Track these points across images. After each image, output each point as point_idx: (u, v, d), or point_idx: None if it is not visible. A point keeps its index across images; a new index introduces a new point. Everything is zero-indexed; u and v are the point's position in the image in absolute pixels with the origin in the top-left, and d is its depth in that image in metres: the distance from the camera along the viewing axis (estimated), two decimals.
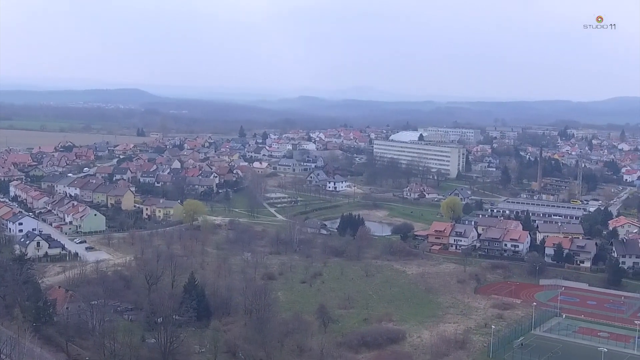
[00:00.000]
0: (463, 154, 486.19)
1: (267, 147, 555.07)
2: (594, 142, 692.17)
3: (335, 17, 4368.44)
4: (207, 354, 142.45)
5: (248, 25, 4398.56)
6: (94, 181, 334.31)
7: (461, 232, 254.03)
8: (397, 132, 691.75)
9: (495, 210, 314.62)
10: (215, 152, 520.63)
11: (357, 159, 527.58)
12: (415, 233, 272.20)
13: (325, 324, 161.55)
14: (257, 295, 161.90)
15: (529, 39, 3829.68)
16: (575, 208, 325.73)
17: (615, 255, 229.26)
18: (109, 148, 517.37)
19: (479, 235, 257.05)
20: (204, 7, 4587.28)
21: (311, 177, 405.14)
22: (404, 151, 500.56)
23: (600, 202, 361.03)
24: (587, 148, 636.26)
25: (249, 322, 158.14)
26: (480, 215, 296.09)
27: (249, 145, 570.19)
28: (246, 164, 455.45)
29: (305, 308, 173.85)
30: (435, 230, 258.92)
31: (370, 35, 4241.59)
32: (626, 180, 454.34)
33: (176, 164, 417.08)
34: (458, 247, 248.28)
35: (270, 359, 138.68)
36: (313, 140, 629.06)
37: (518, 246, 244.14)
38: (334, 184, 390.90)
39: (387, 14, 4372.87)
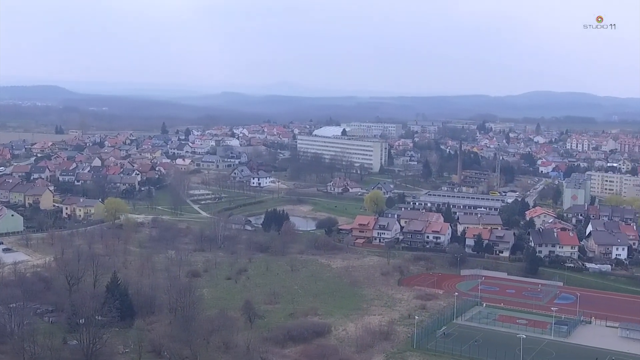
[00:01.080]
0: (385, 149, 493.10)
1: (190, 144, 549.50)
2: (511, 135, 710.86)
3: (256, 12, 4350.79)
4: (131, 354, 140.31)
5: (169, 20, 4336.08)
6: (11, 180, 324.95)
7: (384, 225, 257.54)
8: (321, 127, 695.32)
9: (417, 203, 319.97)
10: (137, 149, 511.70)
11: (281, 154, 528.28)
12: (340, 227, 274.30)
13: (251, 320, 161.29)
14: (181, 293, 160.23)
15: (448, 34, 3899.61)
16: (493, 199, 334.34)
17: (532, 245, 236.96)
18: (25, 146, 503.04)
19: (401, 227, 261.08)
20: (124, 1, 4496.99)
21: (235, 173, 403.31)
22: (327, 146, 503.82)
23: (517, 193, 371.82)
24: (504, 141, 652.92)
25: (173, 321, 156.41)
26: (403, 208, 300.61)
27: (172, 142, 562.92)
28: (169, 161, 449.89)
29: (231, 304, 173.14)
30: (359, 224, 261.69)
31: (292, 30, 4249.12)
32: (542, 171, 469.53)
33: (97, 162, 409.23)
34: (381, 240, 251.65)
35: (196, 356, 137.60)
36: (236, 137, 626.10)
37: (440, 238, 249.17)
38: (258, 180, 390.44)
39: (309, 9, 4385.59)
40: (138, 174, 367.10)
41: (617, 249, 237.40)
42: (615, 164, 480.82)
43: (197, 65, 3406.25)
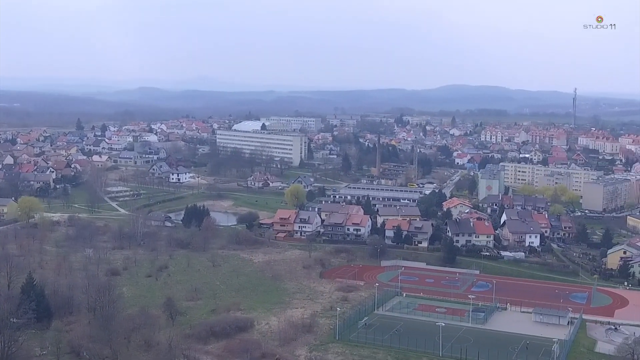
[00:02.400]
0: (305, 142, 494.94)
1: (106, 140, 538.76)
2: (428, 128, 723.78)
3: (171, 5, 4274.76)
4: (49, 356, 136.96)
5: (81, 13, 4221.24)
6: None
7: (305, 219, 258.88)
8: (240, 122, 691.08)
9: (337, 196, 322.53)
10: (51, 146, 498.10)
11: (200, 149, 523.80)
12: (261, 221, 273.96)
13: (173, 317, 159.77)
14: (100, 292, 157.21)
15: (364, 28, 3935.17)
16: (412, 191, 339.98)
17: (450, 235, 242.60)
18: None
19: (322, 221, 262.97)
20: None
21: (154, 169, 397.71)
22: (247, 141, 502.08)
23: (434, 184, 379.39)
24: (421, 134, 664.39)
25: (93, 320, 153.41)
26: (323, 202, 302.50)
27: (87, 138, 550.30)
28: (85, 157, 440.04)
29: (152, 302, 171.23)
30: (280, 218, 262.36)
31: (209, 24, 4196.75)
32: (457, 163, 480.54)
33: (9, 160, 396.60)
34: (303, 234, 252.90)
35: (117, 356, 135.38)
36: (155, 132, 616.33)
37: (360, 230, 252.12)
38: (178, 176, 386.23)
39: (225, 2, 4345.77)
40: (53, 172, 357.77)
41: (530, 236, 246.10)
42: (527, 155, 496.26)
43: (111, 60, 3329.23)
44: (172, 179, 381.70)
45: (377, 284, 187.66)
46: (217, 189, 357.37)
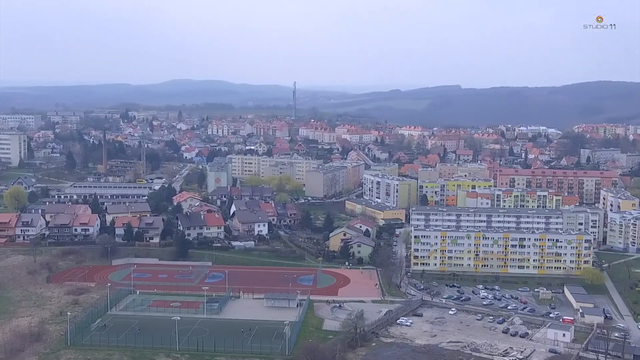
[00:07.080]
0: (24, 141, 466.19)
1: None
2: (155, 123, 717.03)
3: None
4: None
5: None
6: None
7: (28, 222, 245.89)
8: None
9: (62, 196, 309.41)
10: None
11: None
12: None
13: None
14: None
15: (83, 19, 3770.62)
16: (141, 187, 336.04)
17: (181, 229, 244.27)
18: None
19: (47, 222, 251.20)
20: None
21: None
22: None
23: (164, 179, 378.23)
24: (148, 129, 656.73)
25: None
26: (48, 203, 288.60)
27: None
28: None
29: None
30: (0, 223, 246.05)
31: None
32: (186, 157, 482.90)
33: None
34: (26, 238, 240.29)
35: None
36: None
37: (88, 230, 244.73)
38: None
39: None
40: None
41: (258, 225, 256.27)
42: (252, 147, 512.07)
43: None
44: None
45: (109, 284, 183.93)
46: None
